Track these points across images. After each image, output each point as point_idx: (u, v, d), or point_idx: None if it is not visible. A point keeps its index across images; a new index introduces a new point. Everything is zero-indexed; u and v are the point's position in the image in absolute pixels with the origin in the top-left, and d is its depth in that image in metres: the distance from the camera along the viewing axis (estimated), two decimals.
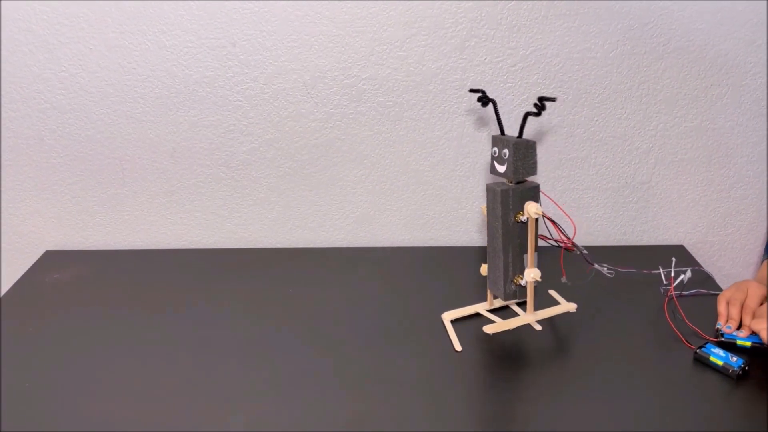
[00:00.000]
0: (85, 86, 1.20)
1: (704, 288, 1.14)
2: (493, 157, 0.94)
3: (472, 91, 0.96)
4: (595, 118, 1.27)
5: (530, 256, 0.96)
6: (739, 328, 0.98)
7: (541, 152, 1.29)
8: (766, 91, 1.26)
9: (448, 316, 1.05)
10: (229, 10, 1.16)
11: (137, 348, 1.00)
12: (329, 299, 1.14)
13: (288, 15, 1.17)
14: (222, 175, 1.29)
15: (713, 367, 0.94)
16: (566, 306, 1.05)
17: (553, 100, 0.86)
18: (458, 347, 0.98)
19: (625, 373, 0.94)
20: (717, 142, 1.30)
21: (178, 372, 0.95)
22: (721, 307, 1.01)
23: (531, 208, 0.92)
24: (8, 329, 1.04)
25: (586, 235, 1.38)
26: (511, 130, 0.92)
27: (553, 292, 1.10)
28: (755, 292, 1.00)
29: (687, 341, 1.00)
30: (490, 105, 0.94)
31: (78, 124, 1.23)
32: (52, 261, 1.28)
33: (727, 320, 0.99)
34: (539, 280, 0.96)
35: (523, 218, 0.93)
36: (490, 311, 1.06)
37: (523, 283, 0.97)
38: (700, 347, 0.96)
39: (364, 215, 1.34)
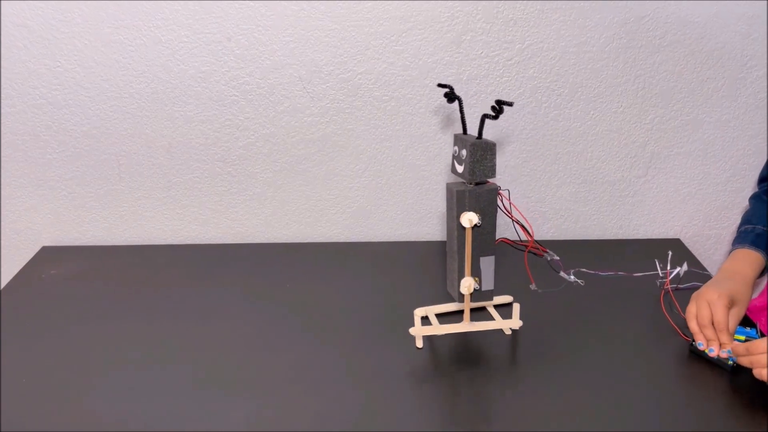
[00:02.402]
0: (81, 82, 1.20)
1: (700, 281, 1.14)
2: (453, 156, 0.91)
3: (441, 86, 0.91)
4: (591, 112, 1.27)
5: (467, 265, 0.92)
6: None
7: (537, 146, 1.29)
8: (762, 84, 1.26)
9: (419, 313, 1.04)
10: (224, 5, 1.16)
11: (134, 343, 1.00)
12: (326, 294, 1.14)
13: (283, 9, 1.17)
14: (218, 170, 1.29)
15: (708, 360, 0.94)
16: (510, 322, 1.00)
17: (510, 104, 0.83)
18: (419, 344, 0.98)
19: (621, 364, 0.95)
20: (713, 135, 1.31)
21: (175, 366, 0.95)
22: (693, 326, 0.96)
23: (464, 217, 0.89)
24: (5, 325, 1.04)
25: (582, 229, 1.38)
26: (506, 127, 0.92)
27: (516, 306, 1.05)
28: (719, 309, 0.94)
29: (683, 334, 1.00)
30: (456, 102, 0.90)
31: (73, 119, 1.23)
32: (48, 257, 1.28)
33: (707, 343, 0.94)
34: (473, 290, 0.93)
35: (477, 221, 0.90)
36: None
37: (476, 286, 0.93)
38: (695, 340, 0.97)
39: (361, 210, 1.34)
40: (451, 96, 0.89)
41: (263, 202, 1.33)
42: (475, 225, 0.90)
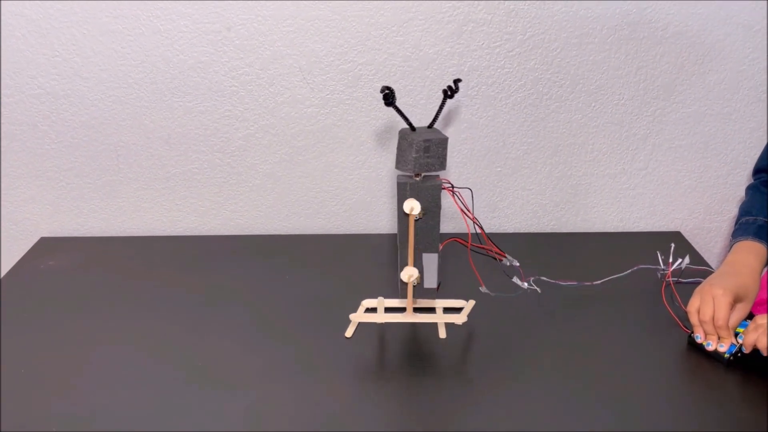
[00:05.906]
0: (79, 71, 1.19)
1: (701, 275, 1.14)
2: (398, 150, 0.88)
3: (382, 90, 0.84)
4: (593, 104, 1.27)
5: (410, 254, 0.90)
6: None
7: (538, 138, 1.29)
8: (763, 77, 1.26)
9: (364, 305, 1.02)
10: None
11: (132, 334, 1.00)
12: (325, 286, 1.14)
13: None
14: (217, 161, 1.28)
15: (706, 352, 0.94)
16: (454, 317, 0.98)
17: (458, 81, 0.83)
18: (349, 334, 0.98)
19: (619, 354, 0.96)
20: (714, 127, 1.30)
21: (173, 358, 0.95)
22: (694, 319, 0.96)
23: (407, 204, 0.86)
24: (3, 316, 1.04)
25: (582, 222, 1.38)
26: (507, 119, 0.91)
27: (471, 303, 1.00)
28: (722, 306, 0.93)
29: (683, 325, 1.00)
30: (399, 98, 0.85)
31: (72, 110, 1.23)
32: (46, 248, 1.28)
33: (705, 336, 0.95)
34: (414, 282, 0.91)
35: (419, 211, 0.87)
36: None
37: (414, 282, 0.90)
38: (694, 332, 0.97)
39: (360, 202, 1.34)
40: (389, 99, 0.83)
41: (262, 193, 1.32)
42: (417, 218, 0.87)
